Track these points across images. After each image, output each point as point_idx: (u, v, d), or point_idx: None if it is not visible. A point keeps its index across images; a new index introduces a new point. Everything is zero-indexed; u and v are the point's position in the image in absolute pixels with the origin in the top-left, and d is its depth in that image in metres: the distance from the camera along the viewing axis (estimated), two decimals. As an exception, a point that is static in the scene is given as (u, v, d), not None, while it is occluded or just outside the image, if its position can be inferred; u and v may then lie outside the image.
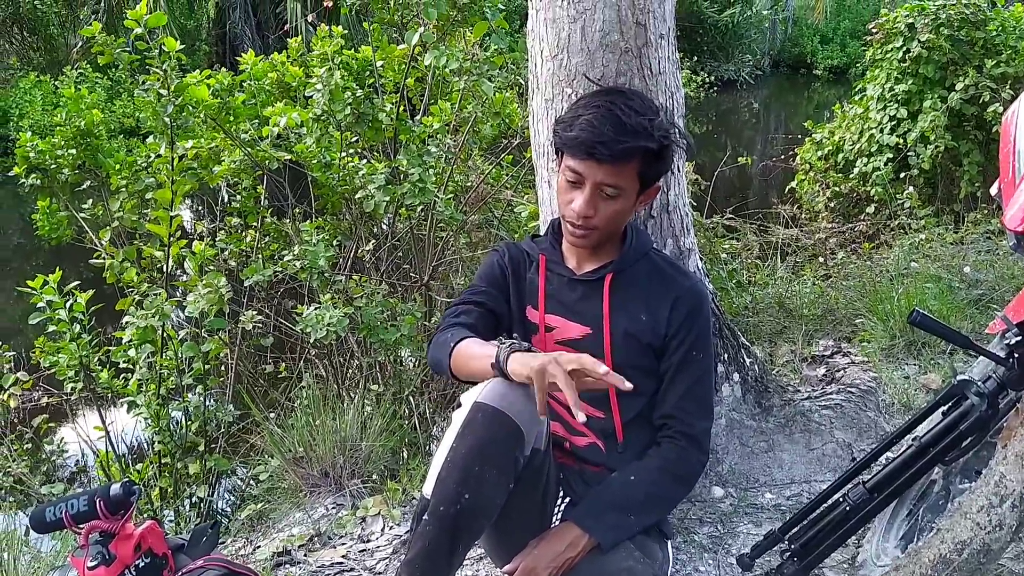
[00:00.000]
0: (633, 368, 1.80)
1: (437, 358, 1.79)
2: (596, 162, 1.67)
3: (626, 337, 1.81)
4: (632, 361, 1.81)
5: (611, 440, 1.85)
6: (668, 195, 2.21)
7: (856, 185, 6.37)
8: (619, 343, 1.80)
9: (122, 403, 3.29)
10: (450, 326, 1.82)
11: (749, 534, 2.14)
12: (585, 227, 1.74)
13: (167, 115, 2.82)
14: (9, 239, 11.89)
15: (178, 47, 2.84)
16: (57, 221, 3.64)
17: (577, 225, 1.75)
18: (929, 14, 5.90)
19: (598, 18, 2.07)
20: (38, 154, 3.46)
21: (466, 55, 3.01)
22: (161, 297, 2.82)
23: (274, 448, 2.84)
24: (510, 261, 1.95)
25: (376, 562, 2.19)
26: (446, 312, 1.91)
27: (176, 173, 2.98)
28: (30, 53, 16.12)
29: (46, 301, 3.02)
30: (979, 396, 1.71)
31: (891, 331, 3.12)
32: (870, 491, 1.83)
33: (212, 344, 3.17)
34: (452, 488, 1.57)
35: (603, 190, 1.70)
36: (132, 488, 1.56)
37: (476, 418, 1.58)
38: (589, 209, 1.71)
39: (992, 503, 1.57)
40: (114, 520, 1.55)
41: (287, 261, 3.04)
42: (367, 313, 3.05)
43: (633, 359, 1.81)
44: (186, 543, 1.81)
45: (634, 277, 1.84)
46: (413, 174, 2.93)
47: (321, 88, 3.06)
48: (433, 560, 1.61)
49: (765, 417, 2.38)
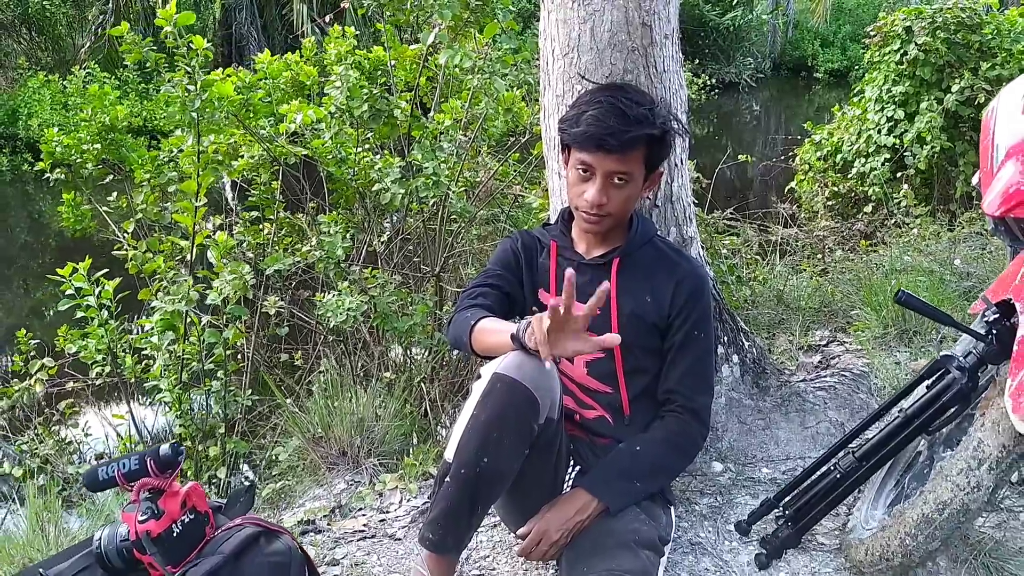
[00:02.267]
0: (638, 347, 1.95)
1: (457, 335, 1.93)
2: (605, 153, 1.81)
3: (632, 317, 1.95)
4: (637, 340, 1.95)
5: (618, 414, 1.99)
6: (672, 186, 2.34)
7: (854, 185, 6.50)
8: (625, 323, 1.94)
9: (145, 388, 3.43)
10: (468, 307, 1.96)
11: (747, 505, 2.27)
12: (599, 214, 1.89)
13: (194, 110, 2.95)
14: (17, 237, 12.02)
15: (205, 46, 2.97)
16: (81, 214, 3.78)
17: (591, 214, 1.89)
18: (926, 17, 6.02)
19: (606, 19, 2.21)
20: (64, 149, 3.59)
21: (479, 54, 3.15)
22: (187, 283, 2.95)
23: (294, 427, 2.98)
24: (523, 247, 2.10)
25: (396, 530, 2.32)
26: (463, 293, 2.05)
27: (201, 165, 3.11)
28: (38, 53, 16.28)
29: (75, 288, 3.16)
30: (960, 370, 1.84)
31: (884, 320, 3.25)
32: (859, 460, 1.97)
33: (233, 331, 3.31)
34: (472, 452, 1.71)
35: (613, 179, 1.85)
36: (180, 448, 1.70)
37: (495, 388, 1.72)
38: (602, 198, 1.86)
39: (971, 466, 1.70)
40: (163, 478, 1.68)
41: (306, 251, 3.18)
42: (381, 302, 3.19)
43: (638, 338, 1.95)
44: (224, 505, 1.95)
45: (639, 261, 1.99)
46: (427, 168, 3.07)
47: (340, 85, 3.19)
48: (454, 519, 1.75)
49: (762, 397, 2.51)
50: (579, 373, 1.99)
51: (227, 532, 1.78)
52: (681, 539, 2.13)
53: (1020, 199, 1.63)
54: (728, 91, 20.18)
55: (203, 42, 2.96)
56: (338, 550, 2.24)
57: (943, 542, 1.77)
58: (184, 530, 1.69)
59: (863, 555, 1.92)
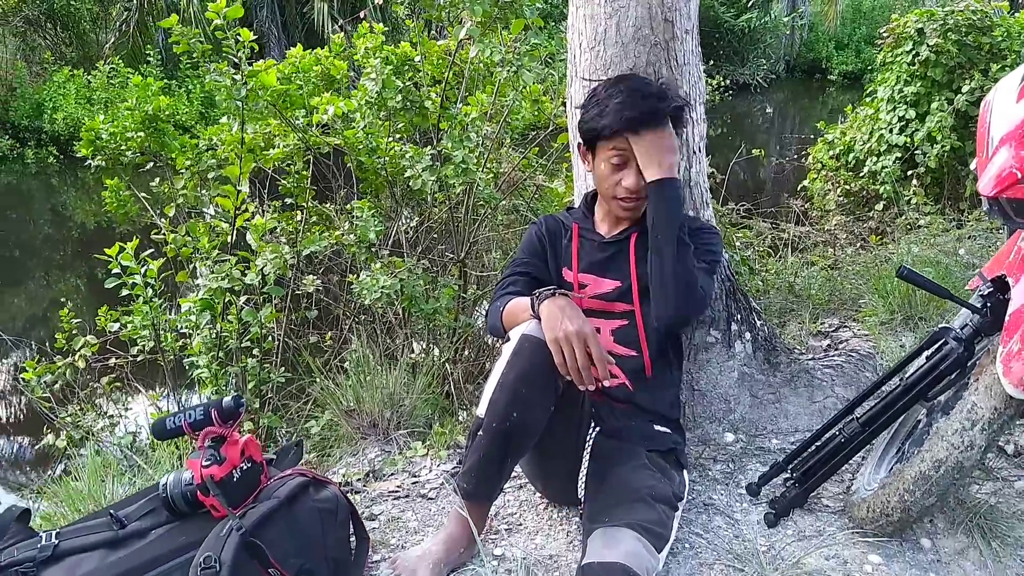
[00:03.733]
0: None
1: (493, 322, 2.12)
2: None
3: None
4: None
5: (639, 378, 2.13)
6: (691, 172, 2.50)
7: (866, 183, 6.63)
8: (646, 291, 2.09)
9: (184, 365, 3.60)
10: (500, 296, 2.14)
11: (757, 471, 2.41)
12: (637, 198, 2.05)
13: (240, 98, 3.13)
14: (40, 228, 12.25)
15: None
16: (123, 199, 3.96)
17: (632, 199, 2.05)
18: (938, 20, 6.15)
19: (631, 14, 2.37)
20: (110, 136, 3.77)
21: (508, 48, 3.31)
22: (231, 262, 3.12)
23: (328, 400, 3.14)
24: (547, 231, 2.26)
25: (428, 491, 2.48)
26: (497, 285, 2.23)
27: (244, 151, 3.29)
28: (63, 48, 16.55)
29: (121, 267, 3.34)
30: (957, 340, 1.99)
31: (890, 307, 3.40)
32: (862, 425, 2.13)
33: (268, 310, 3.48)
34: (503, 407, 1.87)
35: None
36: (241, 400, 1.87)
37: (523, 347, 1.88)
38: (640, 181, 2.02)
39: (965, 427, 1.85)
40: (225, 427, 1.85)
41: (340, 234, 3.35)
42: (408, 284, 3.35)
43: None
44: (275, 459, 2.12)
45: None
46: (457, 156, 3.23)
47: (375, 77, 3.36)
48: (486, 470, 1.92)
49: (773, 372, 2.66)
50: (606, 341, 2.14)
51: (280, 480, 1.95)
52: (695, 500, 2.29)
53: (1012, 181, 1.77)
54: (742, 92, 20.29)
55: (250, 34, 3.13)
56: (375, 507, 2.40)
57: (939, 498, 1.92)
58: (243, 476, 1.86)
59: (865, 512, 2.07)
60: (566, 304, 1.87)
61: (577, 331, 1.80)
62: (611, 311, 2.15)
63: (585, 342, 1.80)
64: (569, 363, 1.80)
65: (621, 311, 2.14)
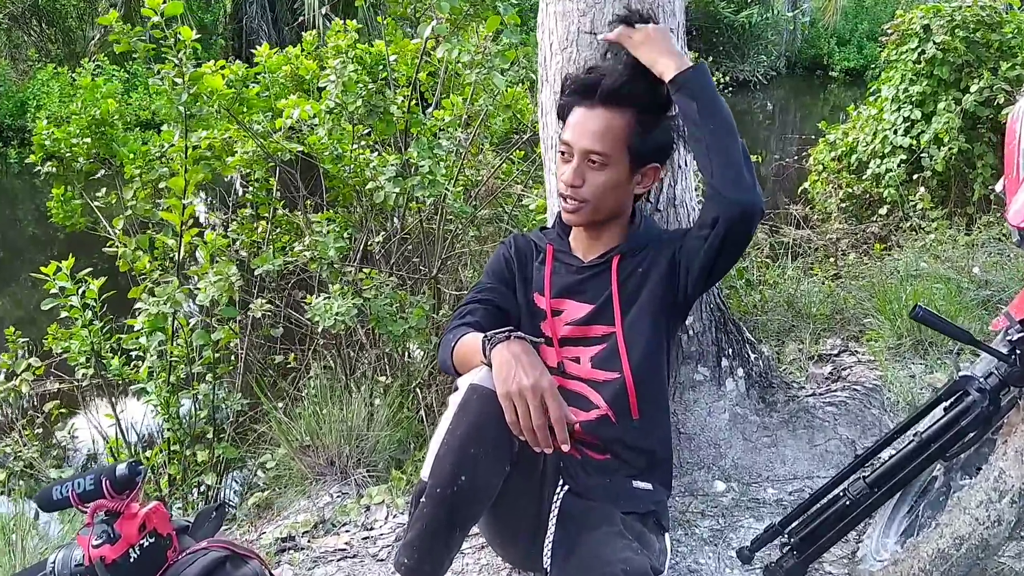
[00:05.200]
0: (640, 333, 1.81)
1: (443, 358, 1.82)
2: (586, 108, 1.75)
3: (639, 308, 1.82)
4: (639, 327, 1.82)
5: (623, 405, 1.83)
6: (675, 189, 2.22)
7: (869, 187, 6.35)
8: (628, 307, 1.82)
9: (133, 391, 3.33)
10: (456, 327, 1.84)
11: (750, 528, 2.14)
12: (574, 197, 1.78)
13: (181, 103, 2.85)
14: (25, 230, 11.99)
15: (194, 37, 2.86)
16: (71, 209, 3.67)
17: (567, 196, 1.79)
18: (944, 16, 5.87)
19: (607, 11, 2.09)
20: (53, 142, 3.49)
21: (478, 48, 3.02)
22: (174, 285, 2.84)
23: (281, 437, 2.87)
24: (516, 252, 1.98)
25: (379, 549, 2.21)
26: (455, 312, 1.93)
27: (189, 162, 3.00)
28: (48, 45, 16.27)
29: (59, 287, 3.06)
30: (981, 392, 1.71)
31: (898, 330, 3.12)
32: (871, 486, 1.84)
33: (222, 332, 3.20)
34: (449, 470, 1.59)
35: (590, 159, 1.75)
36: (138, 468, 1.59)
37: (471, 400, 1.60)
38: (577, 178, 1.76)
39: (991, 498, 1.58)
40: (119, 499, 1.57)
41: (298, 252, 3.07)
42: (375, 305, 3.07)
43: (641, 325, 1.82)
44: (191, 525, 1.84)
45: (642, 259, 1.85)
46: (423, 166, 2.95)
47: (334, 80, 3.08)
48: (431, 542, 1.63)
49: (769, 412, 2.39)
50: (585, 371, 1.86)
51: (191, 556, 1.67)
52: (679, 565, 2.01)
53: (1049, 210, 1.50)
54: (742, 89, 20.00)
55: (191, 33, 2.84)
56: (317, 571, 2.13)
57: (960, 579, 1.65)
58: (143, 555, 1.59)
59: (873, 589, 1.79)
60: (522, 351, 1.58)
61: (533, 385, 1.51)
62: (589, 336, 1.86)
63: (542, 398, 1.51)
64: (522, 422, 1.52)
65: (600, 335, 1.85)
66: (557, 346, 1.88)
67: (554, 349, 1.88)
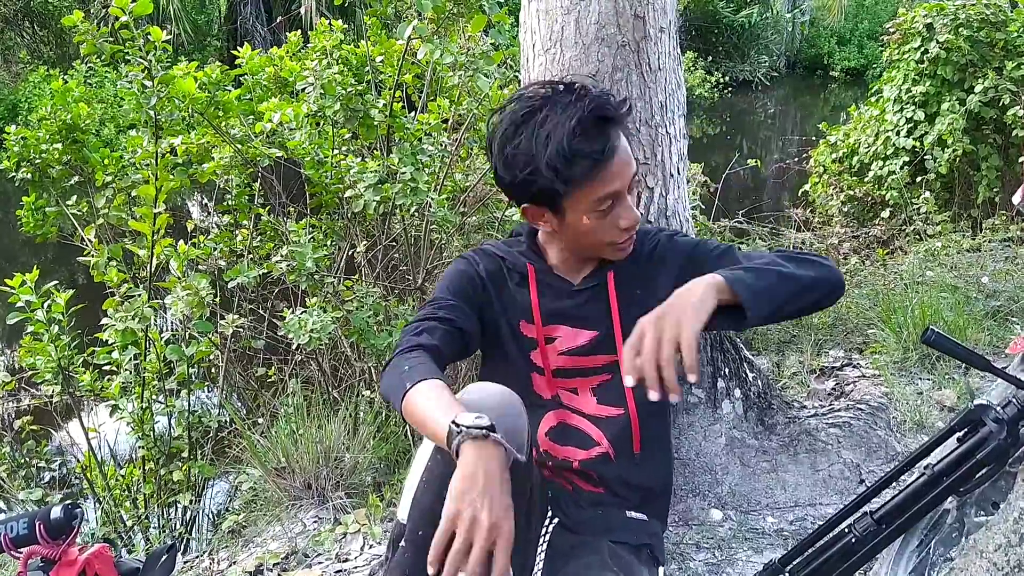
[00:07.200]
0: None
1: (389, 390, 1.51)
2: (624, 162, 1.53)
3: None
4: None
5: (625, 440, 1.70)
6: (667, 199, 2.08)
7: (871, 189, 6.23)
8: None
9: (106, 406, 3.19)
10: (410, 348, 1.55)
11: (748, 561, 2.00)
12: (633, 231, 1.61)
13: (150, 107, 2.71)
14: (19, 233, 11.87)
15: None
16: (41, 217, 3.52)
17: (628, 238, 1.61)
18: (948, 14, 5.76)
19: (593, 9, 1.95)
20: (23, 147, 3.34)
21: (461, 49, 2.88)
22: (143, 299, 2.70)
23: (255, 459, 2.73)
24: (488, 274, 1.76)
25: (352, 584, 2.08)
26: (406, 327, 1.65)
27: (161, 169, 2.86)
28: (40, 47, 16.13)
29: (24, 300, 2.92)
30: (997, 422, 1.56)
31: (904, 344, 2.98)
32: (878, 522, 1.69)
33: (198, 347, 3.06)
34: (429, 511, 1.43)
35: (633, 180, 1.57)
36: (74, 512, 1.44)
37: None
38: (638, 212, 1.59)
39: (1011, 541, 1.44)
40: (54, 545, 1.43)
41: (273, 263, 2.93)
42: (357, 318, 2.93)
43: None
44: (141, 567, 1.70)
45: (635, 268, 1.70)
46: (405, 173, 2.80)
47: (314, 82, 2.94)
48: (413, 589, 1.48)
49: (768, 435, 2.25)
50: (590, 406, 1.71)
51: (139, 603, 1.54)
52: (672, 604, 1.87)
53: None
54: (742, 89, 19.91)
55: (161, 33, 2.70)
56: (285, 609, 1.99)
57: (977, 628, 1.50)
58: (83, 606, 1.44)
59: (881, 635, 1.65)
60: (497, 469, 1.27)
61: (491, 525, 1.21)
62: (589, 367, 1.70)
63: (493, 543, 1.21)
64: (451, 558, 1.20)
65: (602, 364, 1.69)
66: (550, 376, 1.73)
67: (546, 379, 1.74)
